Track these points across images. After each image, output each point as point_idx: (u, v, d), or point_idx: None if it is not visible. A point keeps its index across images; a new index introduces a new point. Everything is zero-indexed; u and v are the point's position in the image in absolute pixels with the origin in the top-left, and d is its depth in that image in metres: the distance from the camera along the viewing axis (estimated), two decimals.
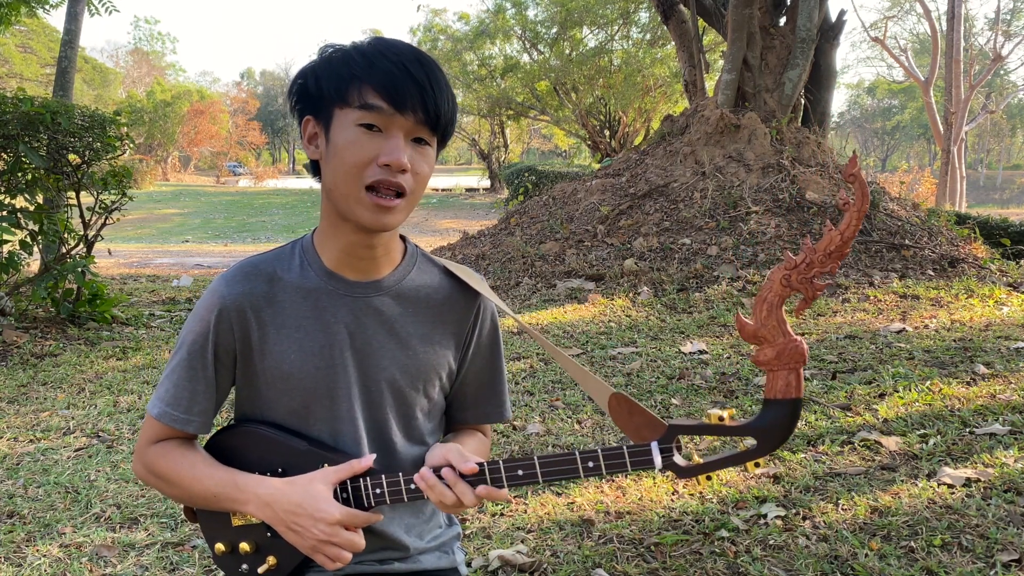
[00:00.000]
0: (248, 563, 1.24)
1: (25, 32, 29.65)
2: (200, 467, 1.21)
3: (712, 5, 9.34)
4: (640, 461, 1.11)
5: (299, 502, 1.13)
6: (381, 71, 1.10)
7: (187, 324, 1.23)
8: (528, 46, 24.62)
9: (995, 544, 2.26)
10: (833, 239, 1.05)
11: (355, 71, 1.11)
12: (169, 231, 19.55)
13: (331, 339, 1.22)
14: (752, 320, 1.08)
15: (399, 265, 1.26)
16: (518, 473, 1.12)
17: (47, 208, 5.45)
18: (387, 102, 1.10)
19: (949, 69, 19.56)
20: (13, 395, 4.18)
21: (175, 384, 1.21)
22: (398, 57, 1.11)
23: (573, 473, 1.11)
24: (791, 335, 1.06)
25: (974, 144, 49.30)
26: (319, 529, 1.12)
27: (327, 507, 1.12)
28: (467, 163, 55.90)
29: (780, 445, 1.09)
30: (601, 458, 1.10)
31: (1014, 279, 6.50)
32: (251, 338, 1.21)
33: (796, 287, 1.06)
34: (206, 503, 1.22)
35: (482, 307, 1.32)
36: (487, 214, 22.23)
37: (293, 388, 1.22)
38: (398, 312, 1.25)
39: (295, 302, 1.21)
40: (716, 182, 7.62)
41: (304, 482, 1.15)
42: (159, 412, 1.21)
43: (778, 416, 1.07)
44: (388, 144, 1.11)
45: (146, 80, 50.82)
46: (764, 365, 1.08)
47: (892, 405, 3.51)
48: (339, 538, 1.12)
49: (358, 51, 1.13)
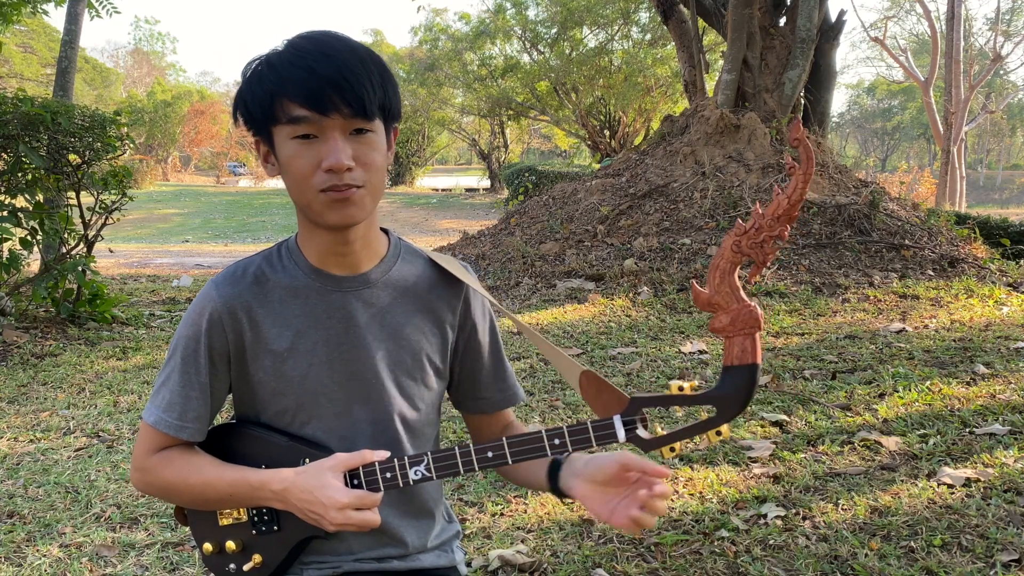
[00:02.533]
0: (235, 562, 1.25)
1: (25, 32, 29.65)
2: (208, 470, 1.22)
3: (712, 5, 9.33)
4: (604, 435, 1.12)
5: (310, 490, 1.15)
6: (293, 81, 1.08)
7: (179, 330, 1.24)
8: (528, 46, 24.61)
9: (995, 544, 2.26)
10: (781, 203, 1.05)
11: (271, 88, 1.10)
12: (169, 231, 19.55)
13: (323, 335, 1.23)
14: (707, 288, 1.09)
15: (384, 258, 1.27)
16: (488, 455, 1.15)
17: (47, 208, 5.45)
18: (309, 110, 1.09)
19: (949, 69, 19.56)
20: (13, 395, 4.18)
21: (170, 391, 1.22)
22: (305, 59, 1.09)
23: (540, 451, 1.14)
24: (745, 301, 1.06)
25: (974, 144, 49.29)
26: (331, 515, 1.14)
27: (335, 494, 1.14)
28: (467, 163, 55.90)
29: (739, 412, 1.09)
30: (567, 435, 1.12)
31: (1014, 279, 6.50)
32: (244, 340, 1.22)
33: (747, 252, 1.06)
34: (220, 504, 1.24)
35: (467, 293, 1.33)
36: (487, 214, 22.22)
37: (287, 386, 1.23)
38: (387, 304, 1.26)
39: (285, 301, 1.22)
40: (716, 182, 7.62)
41: (314, 470, 1.17)
42: (155, 419, 1.22)
43: (735, 382, 1.07)
44: (325, 148, 1.10)
45: (146, 80, 50.82)
46: (720, 332, 1.08)
47: (892, 405, 3.51)
48: (353, 520, 1.14)
49: (269, 64, 1.11)
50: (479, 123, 32.61)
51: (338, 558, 1.28)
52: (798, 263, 6.63)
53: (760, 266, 1.07)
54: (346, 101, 1.08)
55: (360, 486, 1.18)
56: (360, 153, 1.12)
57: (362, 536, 1.27)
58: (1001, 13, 25.86)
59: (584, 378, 1.21)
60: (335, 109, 1.09)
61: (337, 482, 1.15)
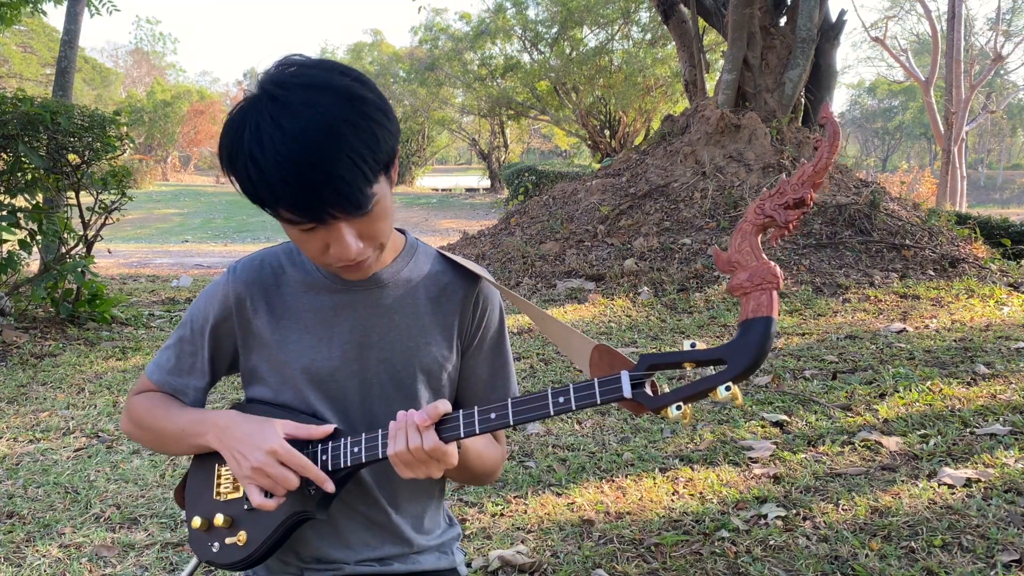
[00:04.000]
0: (219, 541, 1.23)
1: (25, 32, 29.64)
2: (175, 410, 1.26)
3: (712, 5, 9.33)
4: (610, 390, 1.07)
5: (249, 431, 1.17)
6: (284, 197, 1.02)
7: (195, 303, 1.29)
8: (528, 46, 24.62)
9: (995, 544, 2.26)
10: (806, 170, 1.05)
11: (262, 195, 1.03)
12: (169, 231, 19.55)
13: (329, 332, 1.23)
14: (728, 250, 1.08)
15: (397, 257, 1.27)
16: (491, 416, 1.11)
17: (47, 208, 5.44)
18: (306, 220, 1.04)
19: (949, 69, 19.55)
20: (13, 395, 4.18)
21: (176, 356, 1.28)
22: (294, 170, 0.99)
23: (543, 410, 1.09)
24: (764, 259, 1.05)
25: (974, 144, 49.26)
26: (254, 456, 1.14)
27: (270, 437, 1.15)
28: (467, 163, 55.88)
29: (752, 366, 1.03)
30: (572, 392, 1.08)
31: (1015, 279, 6.50)
32: (251, 327, 1.25)
33: (770, 213, 1.06)
34: (175, 441, 1.26)
35: (482, 296, 1.32)
36: (487, 214, 22.22)
37: (290, 379, 1.24)
38: (397, 304, 1.25)
39: (298, 295, 1.24)
40: (716, 182, 7.61)
41: (261, 419, 1.19)
42: (158, 379, 1.29)
43: (749, 336, 1.03)
44: (332, 236, 1.07)
45: (146, 80, 50.82)
46: (737, 290, 1.06)
47: (892, 405, 3.51)
48: (271, 469, 1.14)
49: (252, 159, 1.01)
50: (479, 123, 32.61)
51: (338, 563, 1.27)
52: (798, 263, 6.63)
53: (782, 228, 1.05)
54: (345, 210, 1.03)
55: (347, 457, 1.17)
56: (365, 229, 1.09)
57: (359, 531, 1.27)
58: (1001, 13, 25.84)
59: (596, 353, 1.20)
60: (333, 218, 1.04)
61: (278, 432, 1.16)
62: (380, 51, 36.27)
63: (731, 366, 1.03)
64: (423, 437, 1.10)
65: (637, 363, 1.08)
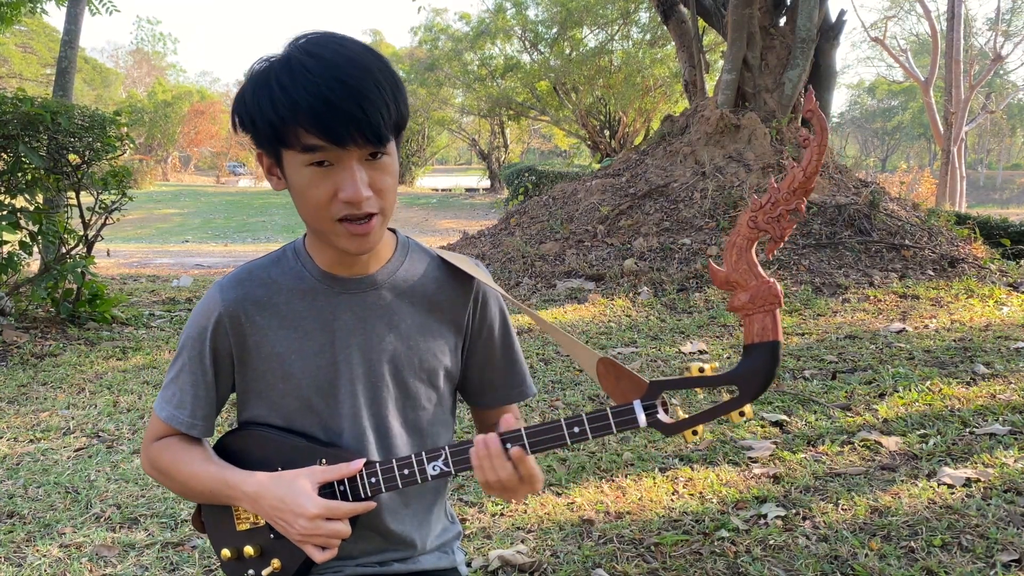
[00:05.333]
0: (253, 568, 1.24)
1: (25, 32, 29.63)
2: (196, 464, 1.23)
3: (712, 5, 9.33)
4: (624, 421, 1.10)
5: (281, 497, 1.15)
6: (309, 112, 1.03)
7: (185, 329, 1.25)
8: (528, 46, 24.61)
9: (995, 544, 2.26)
10: (796, 176, 1.03)
11: (285, 114, 1.04)
12: (169, 231, 19.55)
13: (330, 337, 1.23)
14: (724, 267, 1.07)
15: (392, 257, 1.26)
16: (507, 447, 1.13)
17: (47, 208, 5.44)
18: (326, 142, 1.05)
19: (949, 69, 19.55)
20: (13, 395, 4.18)
21: (180, 389, 1.24)
22: (320, 88, 1.03)
23: (560, 440, 1.12)
24: (763, 277, 1.04)
25: (974, 144, 49.25)
26: (300, 524, 1.14)
27: (305, 503, 1.14)
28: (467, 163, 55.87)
29: (762, 391, 1.07)
30: (586, 422, 1.10)
31: (1014, 279, 6.50)
32: (247, 342, 1.22)
33: (763, 227, 1.05)
34: (203, 499, 1.25)
35: (479, 291, 1.31)
36: (487, 214, 22.22)
37: (294, 388, 1.23)
38: (395, 304, 1.25)
39: (292, 303, 1.22)
40: (716, 182, 7.62)
41: (289, 477, 1.17)
42: (167, 415, 1.24)
43: (757, 361, 1.05)
44: (342, 177, 1.08)
45: (146, 80, 50.82)
46: (739, 310, 1.06)
47: (892, 405, 3.51)
48: (322, 530, 1.14)
49: (280, 85, 1.04)
50: (479, 123, 32.61)
51: (339, 563, 1.27)
52: (798, 263, 6.63)
53: (778, 241, 1.05)
54: (364, 134, 1.05)
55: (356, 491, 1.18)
56: (375, 179, 1.10)
57: (370, 537, 1.27)
58: (1001, 13, 25.84)
59: (602, 365, 1.20)
60: (353, 142, 1.06)
61: (309, 490, 1.15)
62: (380, 51, 36.24)
63: (743, 393, 1.07)
64: (518, 468, 1.14)
65: (647, 390, 1.10)
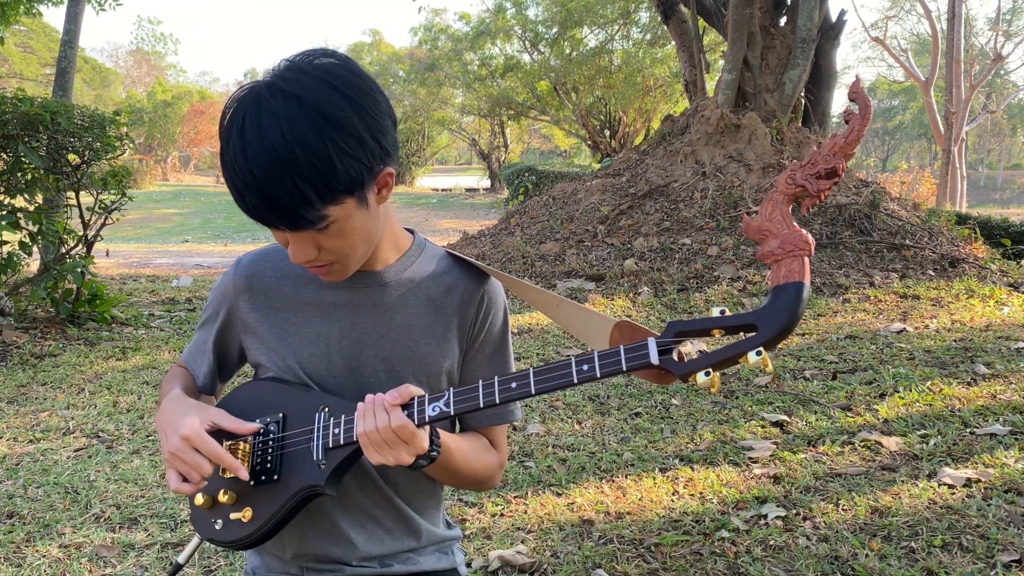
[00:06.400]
0: (222, 518, 1.21)
1: (25, 32, 29.64)
2: (171, 383, 1.32)
3: (712, 5, 9.33)
4: (636, 357, 1.03)
5: (173, 415, 1.19)
6: (232, 191, 1.07)
7: (213, 289, 1.35)
8: (528, 46, 24.62)
9: (995, 544, 2.26)
10: (837, 142, 1.05)
11: (229, 186, 1.08)
12: (169, 231, 19.55)
13: (327, 327, 1.24)
14: (758, 218, 1.07)
15: (402, 257, 1.27)
16: (511, 386, 1.08)
17: (46, 208, 5.44)
18: (258, 223, 1.09)
19: (949, 69, 19.56)
20: (13, 395, 4.18)
21: (196, 339, 1.37)
22: (235, 176, 1.05)
23: (567, 378, 1.05)
24: (795, 227, 1.04)
25: (974, 144, 49.24)
26: (172, 441, 1.15)
27: (188, 424, 1.15)
28: (467, 163, 55.88)
29: (783, 331, 1.00)
30: (596, 359, 1.05)
31: (1015, 279, 6.50)
32: (252, 318, 1.28)
33: (801, 183, 1.05)
34: None
35: (487, 297, 1.31)
36: (487, 214, 22.22)
37: (290, 371, 1.25)
38: (398, 303, 1.26)
39: (299, 288, 1.26)
40: (716, 182, 7.61)
41: (189, 406, 1.21)
42: (184, 357, 1.38)
43: (780, 301, 1.01)
44: (288, 240, 1.12)
45: (146, 80, 50.84)
46: (768, 257, 1.05)
47: (892, 405, 3.51)
48: (187, 456, 1.14)
49: (223, 163, 1.08)
50: (479, 123, 32.62)
51: (339, 563, 1.27)
52: None
53: (814, 198, 1.05)
54: (283, 222, 1.07)
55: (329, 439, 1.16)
56: (323, 242, 1.11)
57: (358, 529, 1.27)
58: (1002, 13, 25.85)
59: (616, 331, 1.18)
60: (277, 227, 1.09)
61: (195, 416, 1.17)
62: (379, 51, 36.32)
63: (762, 331, 1.00)
64: (390, 416, 1.09)
65: (664, 330, 1.05)
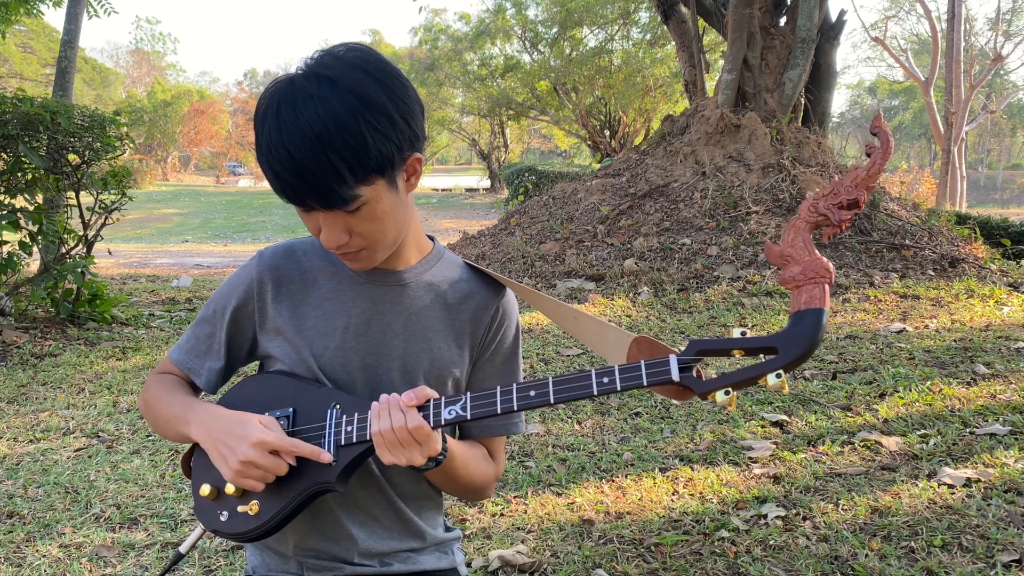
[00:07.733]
0: (228, 510, 1.20)
1: (25, 32, 29.65)
2: (177, 395, 1.27)
3: (712, 5, 9.33)
4: (657, 373, 1.05)
5: (231, 425, 1.17)
6: (267, 173, 1.09)
7: (221, 287, 1.32)
8: (528, 46, 24.63)
9: (995, 544, 2.26)
10: (859, 174, 1.08)
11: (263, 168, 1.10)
12: (169, 231, 19.55)
13: (344, 323, 1.25)
14: (781, 244, 1.10)
15: (422, 260, 1.29)
16: (530, 394, 1.09)
17: (46, 208, 5.44)
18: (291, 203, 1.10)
19: (949, 69, 19.55)
20: (13, 395, 4.18)
21: (196, 336, 1.31)
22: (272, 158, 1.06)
23: (587, 390, 1.06)
24: (817, 254, 1.06)
25: (974, 144, 49.27)
26: (243, 450, 1.13)
27: (253, 429, 1.15)
28: (467, 163, 55.90)
29: (803, 355, 1.02)
30: (617, 373, 1.06)
31: (1014, 279, 6.50)
32: (272, 311, 1.26)
33: (823, 212, 1.08)
34: (166, 425, 1.27)
35: (502, 309, 1.32)
36: (487, 214, 22.22)
37: (305, 364, 1.24)
38: (415, 305, 1.27)
39: (320, 283, 1.27)
40: (716, 182, 7.61)
41: (238, 413, 1.19)
42: (176, 358, 1.32)
43: (801, 326, 1.03)
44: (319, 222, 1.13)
45: (146, 80, 50.85)
46: (789, 282, 1.07)
47: (892, 405, 3.51)
48: (263, 460, 1.13)
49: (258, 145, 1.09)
50: (479, 123, 32.62)
51: (339, 563, 1.27)
52: None
53: (835, 227, 1.07)
54: (317, 200, 1.08)
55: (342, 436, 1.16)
56: (354, 225, 1.12)
57: (359, 528, 1.27)
58: (1001, 13, 25.85)
59: (635, 346, 1.20)
60: (311, 207, 1.10)
61: (256, 422, 1.16)
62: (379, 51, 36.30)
63: (783, 354, 1.02)
64: (407, 416, 1.10)
65: (686, 348, 1.07)
